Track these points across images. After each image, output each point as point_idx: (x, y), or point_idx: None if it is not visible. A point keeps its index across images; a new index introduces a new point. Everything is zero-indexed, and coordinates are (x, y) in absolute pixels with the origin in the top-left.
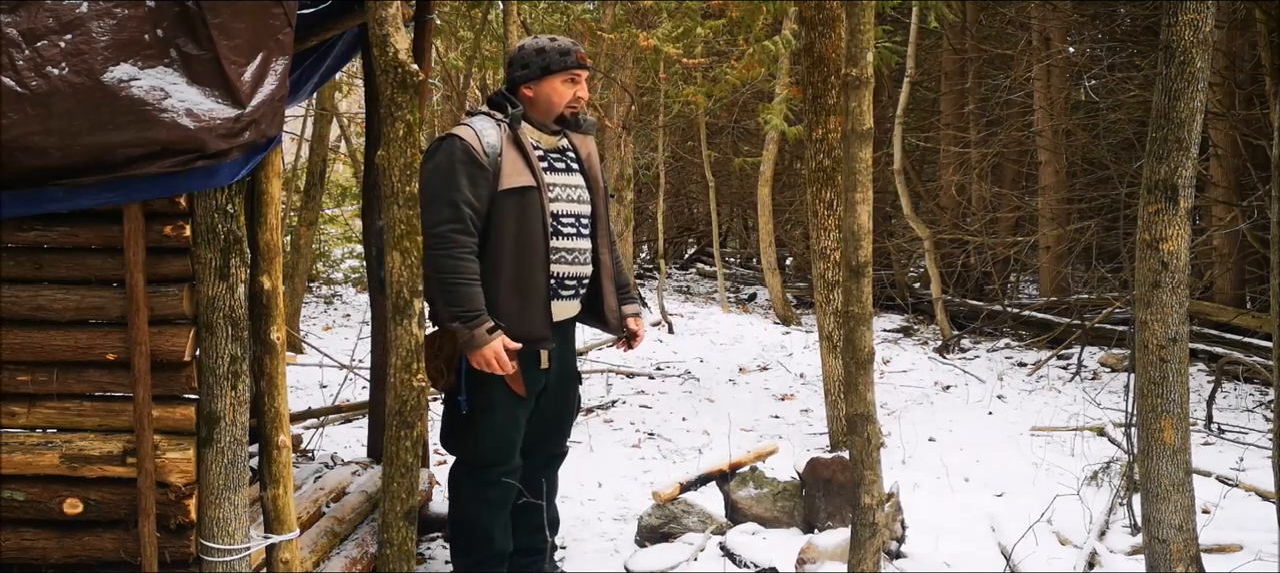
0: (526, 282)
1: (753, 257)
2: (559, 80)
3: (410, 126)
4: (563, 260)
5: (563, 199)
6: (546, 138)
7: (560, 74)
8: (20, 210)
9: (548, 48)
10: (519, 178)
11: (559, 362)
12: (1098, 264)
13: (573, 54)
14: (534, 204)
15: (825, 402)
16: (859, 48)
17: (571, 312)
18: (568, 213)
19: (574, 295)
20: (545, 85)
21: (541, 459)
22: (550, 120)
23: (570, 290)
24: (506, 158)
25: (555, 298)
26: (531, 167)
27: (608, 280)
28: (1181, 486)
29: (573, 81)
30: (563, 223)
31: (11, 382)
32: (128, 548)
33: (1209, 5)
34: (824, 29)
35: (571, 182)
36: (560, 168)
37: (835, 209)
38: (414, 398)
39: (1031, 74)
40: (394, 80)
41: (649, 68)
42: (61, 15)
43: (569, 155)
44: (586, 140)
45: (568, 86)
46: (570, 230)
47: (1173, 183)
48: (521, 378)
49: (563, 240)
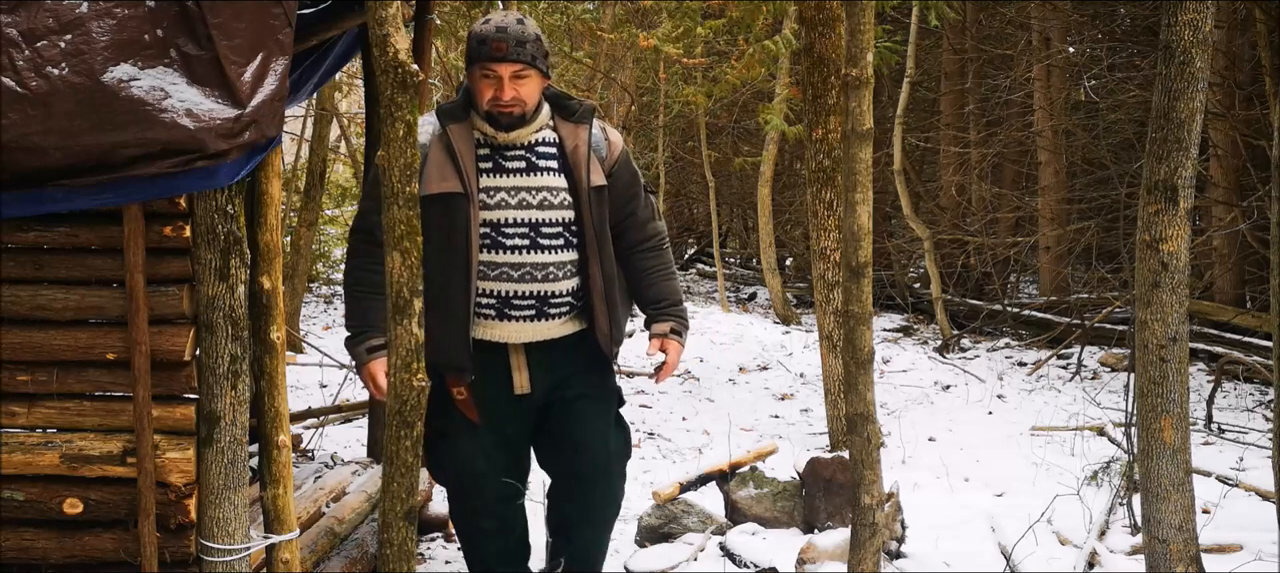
0: (444, 300)
1: (753, 257)
2: (477, 72)
3: (410, 126)
4: (506, 276)
5: (508, 205)
6: (501, 132)
7: (476, 66)
8: (20, 210)
9: (474, 33)
10: (441, 183)
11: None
12: (1098, 264)
13: (488, 43)
14: (459, 212)
15: (825, 402)
16: (859, 48)
17: (537, 334)
18: (515, 220)
19: (536, 316)
20: (472, 76)
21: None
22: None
23: (527, 310)
24: (431, 160)
25: (493, 319)
26: (459, 169)
27: (598, 300)
28: (1181, 486)
29: (487, 77)
30: (505, 233)
31: (11, 382)
32: (128, 548)
33: (1209, 5)
34: (824, 29)
35: (529, 183)
36: (513, 167)
37: (835, 209)
38: (414, 398)
39: (1031, 74)
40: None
41: (649, 68)
42: (61, 15)
43: (541, 150)
44: (577, 130)
45: (485, 83)
46: (519, 241)
47: (1173, 183)
48: (473, 404)
49: (504, 253)
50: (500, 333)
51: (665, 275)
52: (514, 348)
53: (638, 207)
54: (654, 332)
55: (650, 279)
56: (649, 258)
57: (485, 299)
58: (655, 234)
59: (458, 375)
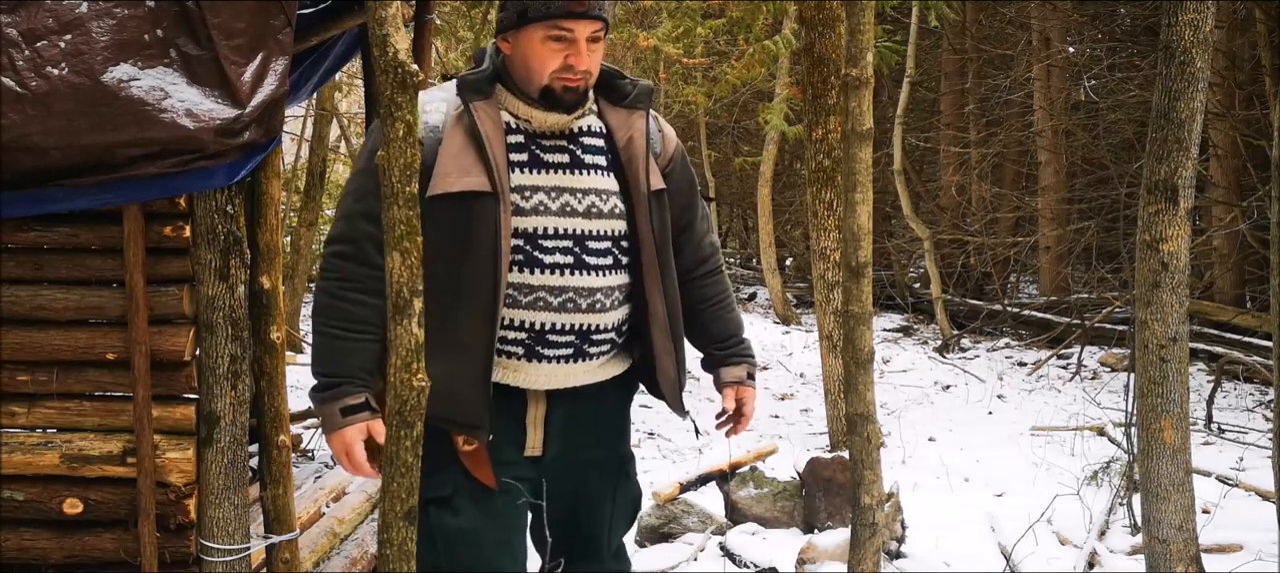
0: (457, 335)
1: (753, 257)
2: (539, 34)
3: (410, 126)
4: (543, 304)
5: (548, 210)
6: (540, 115)
7: (541, 25)
8: (20, 210)
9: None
10: (462, 178)
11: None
12: (1098, 264)
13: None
14: (484, 217)
15: (825, 402)
16: (859, 48)
17: (569, 379)
18: (556, 231)
19: (574, 357)
20: (522, 39)
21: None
22: (532, 92)
23: (564, 349)
24: (448, 146)
25: (520, 359)
26: (488, 161)
27: (659, 334)
28: (1181, 486)
29: (559, 39)
30: (543, 247)
31: (11, 382)
32: (128, 548)
33: (1209, 5)
34: (824, 29)
35: (575, 183)
36: (556, 161)
37: (835, 209)
38: (414, 398)
39: (1031, 74)
40: (394, 80)
41: (649, 68)
42: (61, 15)
43: (586, 142)
44: (631, 118)
45: (552, 48)
46: (561, 258)
47: (1173, 183)
48: (488, 463)
49: (541, 273)
50: (524, 377)
51: (729, 307)
52: (534, 396)
53: (695, 218)
54: (726, 380)
55: (713, 312)
56: (710, 285)
57: (513, 333)
58: (714, 253)
59: (469, 432)
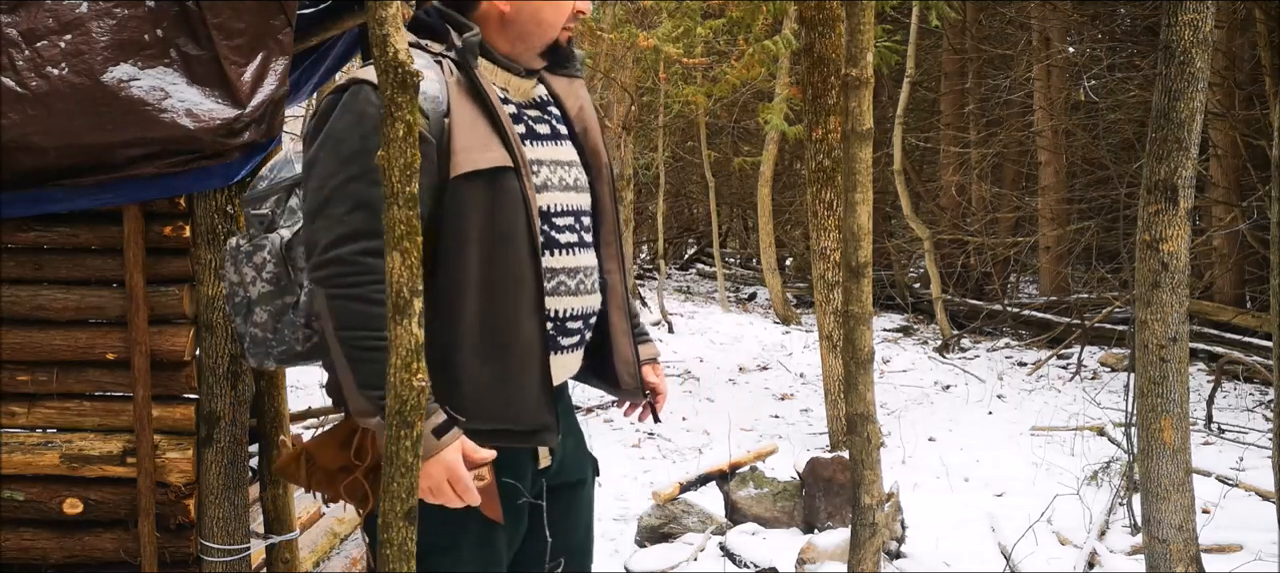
0: (507, 331)
1: (753, 257)
2: None
3: (410, 126)
4: (563, 289)
5: (555, 186)
6: (516, 82)
7: None
8: (20, 210)
9: None
10: (485, 153)
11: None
12: (1098, 264)
13: None
14: (512, 196)
15: (825, 402)
16: (859, 48)
17: (572, 371)
18: (563, 207)
19: (579, 344)
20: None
21: None
22: (534, 50)
23: (574, 337)
24: (459, 119)
25: (555, 353)
26: (504, 132)
27: (618, 314)
28: (1181, 486)
29: None
30: (558, 226)
31: (11, 382)
32: (128, 548)
33: (1209, 5)
34: (824, 29)
35: (560, 155)
36: (543, 132)
37: (835, 209)
38: (414, 398)
39: (1031, 74)
40: (394, 80)
41: (649, 68)
42: (61, 15)
43: (552, 111)
44: (574, 87)
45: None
46: (569, 236)
47: (1173, 183)
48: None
49: (560, 254)
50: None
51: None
52: None
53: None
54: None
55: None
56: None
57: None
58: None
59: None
